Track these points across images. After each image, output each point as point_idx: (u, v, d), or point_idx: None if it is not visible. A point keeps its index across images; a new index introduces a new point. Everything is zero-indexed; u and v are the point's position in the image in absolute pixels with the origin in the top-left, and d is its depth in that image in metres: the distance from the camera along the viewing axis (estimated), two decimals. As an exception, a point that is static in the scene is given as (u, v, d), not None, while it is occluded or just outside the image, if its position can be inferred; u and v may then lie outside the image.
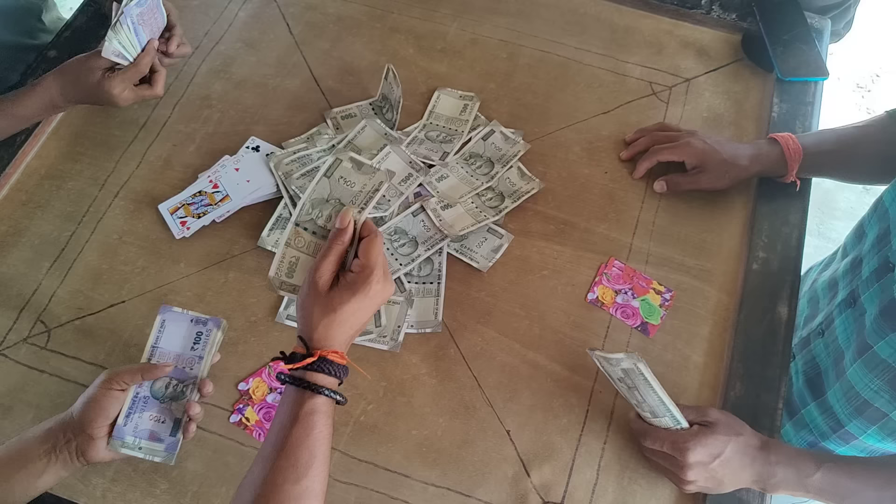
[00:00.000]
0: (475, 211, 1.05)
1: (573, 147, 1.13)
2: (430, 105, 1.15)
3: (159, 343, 0.85)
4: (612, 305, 1.00)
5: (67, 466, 0.78)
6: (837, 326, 0.97)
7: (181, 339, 0.86)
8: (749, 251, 1.03)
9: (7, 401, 0.93)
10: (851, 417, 0.95)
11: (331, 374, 0.72)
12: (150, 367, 0.82)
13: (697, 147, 1.02)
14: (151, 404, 0.84)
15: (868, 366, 0.89)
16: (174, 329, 0.86)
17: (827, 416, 0.99)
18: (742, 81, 1.20)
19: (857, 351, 0.92)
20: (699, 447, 0.81)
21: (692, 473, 0.82)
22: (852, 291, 0.96)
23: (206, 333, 0.86)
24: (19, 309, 0.99)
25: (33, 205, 1.07)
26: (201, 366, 0.85)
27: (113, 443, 0.80)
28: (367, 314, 0.75)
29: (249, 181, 1.07)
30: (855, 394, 0.92)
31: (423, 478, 0.89)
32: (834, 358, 0.97)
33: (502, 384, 0.95)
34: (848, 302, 0.96)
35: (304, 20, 1.26)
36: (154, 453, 0.82)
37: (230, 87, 1.18)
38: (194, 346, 0.86)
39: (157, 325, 0.86)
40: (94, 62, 0.99)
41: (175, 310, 0.86)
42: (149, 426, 0.83)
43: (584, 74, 1.20)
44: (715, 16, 1.25)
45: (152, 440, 0.82)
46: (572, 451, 0.91)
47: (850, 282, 0.99)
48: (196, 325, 0.86)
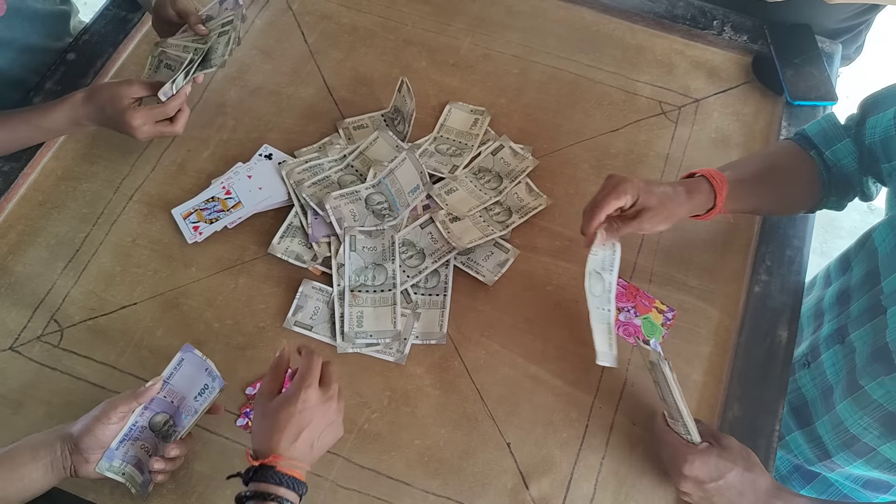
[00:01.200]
0: (483, 225, 1.06)
1: (581, 164, 1.14)
2: (441, 118, 1.17)
3: (171, 380, 0.86)
4: (615, 323, 1.01)
5: (60, 477, 0.82)
6: (825, 360, 0.97)
7: (190, 382, 0.87)
8: (752, 274, 1.05)
9: (19, 397, 0.95)
10: (839, 450, 0.96)
11: (278, 483, 0.74)
12: (143, 391, 0.83)
13: (634, 184, 0.90)
14: (146, 435, 0.85)
15: (859, 404, 0.90)
16: (188, 371, 0.87)
17: (814, 444, 1.00)
18: (751, 103, 1.21)
19: (846, 388, 0.92)
20: (699, 463, 0.82)
21: (685, 485, 0.83)
22: (840, 328, 0.96)
23: (210, 390, 0.87)
24: (34, 307, 1.01)
25: (49, 205, 1.09)
26: (191, 420, 0.86)
27: (100, 465, 0.82)
28: (308, 422, 0.77)
29: (262, 188, 1.09)
30: (844, 429, 0.93)
31: (424, 486, 0.91)
32: (822, 391, 0.98)
33: (504, 397, 0.97)
34: (836, 338, 0.97)
35: (318, 29, 1.28)
36: (133, 483, 0.84)
37: (245, 95, 1.20)
38: (197, 397, 0.87)
39: (176, 361, 0.86)
40: (126, 90, 1.01)
41: (196, 353, 0.86)
42: (138, 454, 0.84)
43: (595, 92, 1.22)
44: (726, 37, 1.26)
45: (136, 468, 0.84)
46: (571, 465, 0.93)
47: (837, 315, 0.99)
48: (206, 377, 0.87)
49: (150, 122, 1.02)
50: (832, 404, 0.95)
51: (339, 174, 1.09)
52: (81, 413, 0.92)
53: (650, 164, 1.14)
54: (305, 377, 0.79)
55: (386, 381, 0.97)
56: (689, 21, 1.28)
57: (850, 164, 0.97)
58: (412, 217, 1.06)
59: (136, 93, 1.01)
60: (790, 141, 1.03)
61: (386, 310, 0.99)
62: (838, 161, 0.97)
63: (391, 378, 0.97)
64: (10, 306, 1.01)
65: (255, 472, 0.75)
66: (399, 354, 0.98)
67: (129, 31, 1.24)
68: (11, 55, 1.13)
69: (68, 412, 0.94)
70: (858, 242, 1.02)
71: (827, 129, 0.99)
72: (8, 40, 1.11)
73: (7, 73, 1.13)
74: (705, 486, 0.82)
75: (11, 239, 1.06)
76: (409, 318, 1.00)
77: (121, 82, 1.02)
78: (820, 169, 0.99)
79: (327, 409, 0.79)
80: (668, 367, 0.80)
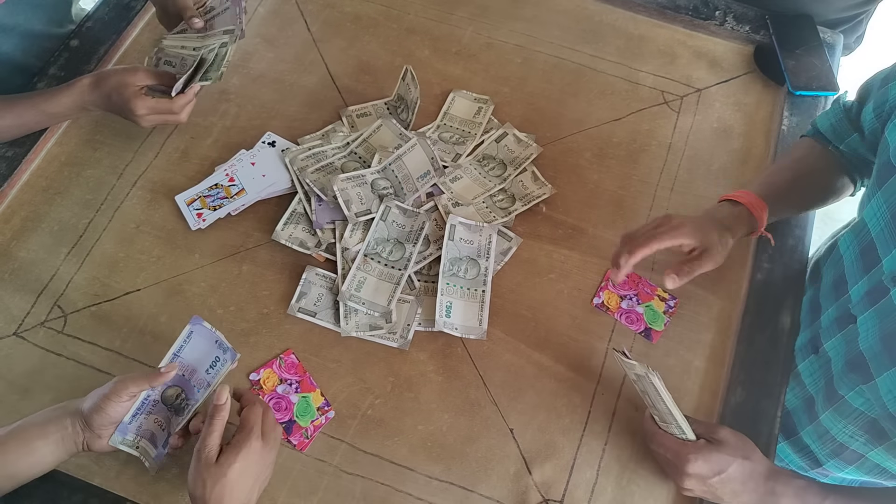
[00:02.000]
0: (485, 211, 1.07)
1: (584, 153, 1.15)
2: (444, 106, 1.17)
3: (182, 353, 0.86)
4: (617, 310, 1.02)
5: (71, 452, 0.82)
6: (802, 371, 0.98)
7: (202, 355, 0.87)
8: (754, 261, 1.05)
9: (25, 382, 0.95)
10: (829, 458, 0.96)
11: None
12: (157, 375, 0.83)
13: (694, 226, 0.89)
14: (159, 409, 0.86)
15: (841, 414, 0.90)
16: (198, 343, 0.87)
17: (803, 454, 1.00)
18: (753, 93, 1.21)
19: (826, 399, 0.93)
20: (700, 461, 0.82)
21: (689, 483, 0.84)
22: (813, 338, 0.96)
23: (222, 362, 0.87)
24: (37, 293, 1.01)
25: (53, 191, 1.09)
26: (205, 393, 0.86)
27: (114, 438, 0.82)
28: (252, 475, 0.79)
29: (265, 175, 1.09)
30: (830, 437, 0.94)
31: (427, 472, 0.92)
32: (803, 401, 0.98)
33: (507, 383, 0.97)
34: (810, 348, 0.97)
35: (321, 18, 1.28)
36: (146, 456, 0.84)
37: (248, 82, 1.20)
38: (209, 370, 0.87)
39: (185, 334, 0.86)
40: (132, 77, 1.01)
41: (205, 325, 0.86)
42: (151, 428, 0.85)
43: (598, 81, 1.22)
44: (728, 27, 1.26)
45: (150, 442, 0.84)
46: (573, 451, 0.93)
47: (810, 325, 0.99)
48: (217, 349, 0.87)
49: (155, 112, 1.03)
50: (815, 414, 0.95)
51: (343, 161, 1.10)
52: (86, 398, 0.93)
53: (652, 153, 1.15)
54: (251, 429, 0.79)
55: (389, 366, 0.98)
56: (692, 11, 1.28)
57: (865, 153, 0.98)
58: (416, 203, 1.07)
59: (141, 80, 1.02)
60: (809, 139, 1.03)
61: (387, 286, 0.99)
62: (855, 151, 0.99)
63: (394, 364, 0.98)
64: (14, 292, 1.01)
65: None
66: (402, 340, 0.98)
67: (132, 18, 1.24)
68: (14, 41, 1.13)
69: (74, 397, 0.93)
70: (827, 249, 1.02)
71: (835, 124, 1.00)
72: (10, 26, 1.11)
73: (10, 58, 1.14)
74: (709, 480, 0.83)
75: (15, 225, 1.06)
76: (413, 304, 1.00)
77: (127, 69, 1.03)
78: (845, 161, 1.00)
79: (267, 460, 0.81)
80: (656, 378, 0.79)
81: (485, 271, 1.01)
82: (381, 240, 1.02)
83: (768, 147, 1.16)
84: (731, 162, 1.15)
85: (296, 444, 0.92)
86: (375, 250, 1.02)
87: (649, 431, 0.89)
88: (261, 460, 0.80)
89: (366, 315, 0.99)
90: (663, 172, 1.13)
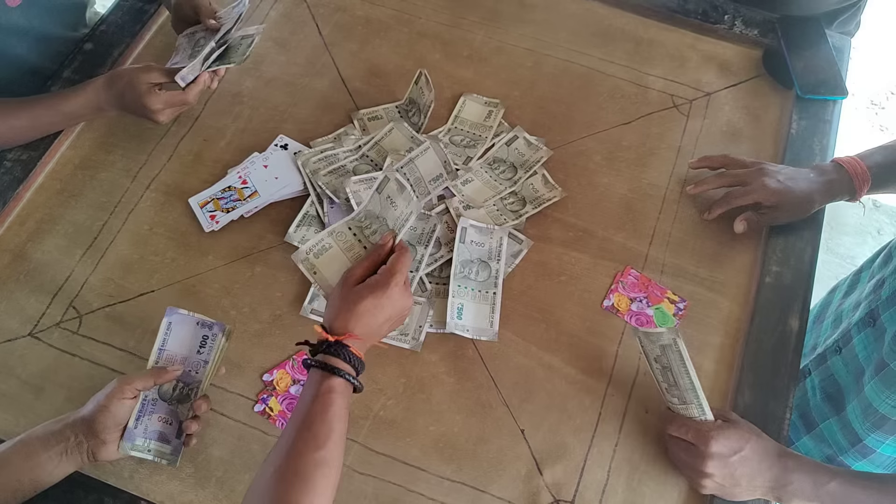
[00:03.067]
0: (496, 213, 1.07)
1: (594, 156, 1.15)
2: (455, 110, 1.18)
3: (166, 345, 0.88)
4: (627, 313, 1.02)
5: (77, 464, 0.82)
6: (856, 345, 0.99)
7: (187, 341, 0.88)
8: (763, 265, 1.06)
9: (40, 382, 0.96)
10: (869, 431, 0.97)
11: (346, 361, 0.79)
12: (162, 372, 0.84)
13: (771, 188, 1.00)
14: (160, 406, 0.86)
15: (885, 383, 0.92)
16: (180, 331, 0.88)
17: (846, 431, 1.01)
18: (762, 97, 1.22)
19: (875, 368, 0.94)
20: (722, 438, 0.84)
21: (711, 465, 0.84)
22: (872, 311, 0.98)
23: (212, 338, 0.88)
24: (52, 294, 1.02)
25: (67, 193, 1.10)
26: (206, 370, 0.87)
27: (123, 445, 0.83)
28: (384, 314, 0.83)
29: (278, 178, 1.10)
30: (873, 410, 0.95)
31: (438, 472, 0.92)
32: (854, 375, 0.99)
33: (518, 385, 0.98)
34: (867, 321, 0.98)
35: (333, 21, 1.29)
36: (162, 455, 0.85)
37: (260, 85, 1.21)
38: (200, 350, 0.88)
39: (164, 327, 0.88)
40: (144, 76, 1.03)
41: (181, 312, 0.88)
42: (158, 427, 0.85)
43: (607, 85, 1.23)
44: (737, 31, 1.27)
45: (161, 441, 0.85)
46: (584, 452, 0.94)
47: (869, 301, 1.01)
48: (202, 329, 0.89)
49: (169, 106, 1.05)
50: (862, 386, 0.97)
51: (355, 163, 1.10)
52: (101, 398, 0.94)
53: (662, 156, 1.16)
54: (395, 273, 0.83)
55: (401, 368, 0.98)
56: (701, 15, 1.29)
57: None
58: (427, 206, 1.08)
59: (154, 79, 1.03)
60: None
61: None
62: None
63: (406, 365, 0.99)
64: (30, 293, 1.02)
65: (329, 347, 0.79)
66: (414, 342, 0.99)
67: (146, 21, 1.25)
68: (29, 43, 1.14)
69: (88, 397, 0.93)
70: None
71: None
72: (25, 29, 1.12)
73: (25, 60, 1.15)
74: (730, 459, 0.84)
75: (30, 227, 1.07)
76: (424, 305, 1.01)
77: (140, 68, 1.04)
78: None
79: (403, 304, 0.85)
80: (682, 344, 0.81)
81: (496, 273, 1.02)
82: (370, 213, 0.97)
83: (777, 151, 1.16)
84: (741, 165, 1.15)
85: (309, 444, 0.93)
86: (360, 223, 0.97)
87: (667, 418, 0.90)
88: (397, 303, 0.83)
89: None
90: (672, 176, 1.14)
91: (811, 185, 1.02)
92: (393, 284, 0.83)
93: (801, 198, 1.01)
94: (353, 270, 0.85)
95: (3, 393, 0.95)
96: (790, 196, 1.00)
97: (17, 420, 0.93)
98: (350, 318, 0.81)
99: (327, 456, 0.73)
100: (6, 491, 0.79)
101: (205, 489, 0.90)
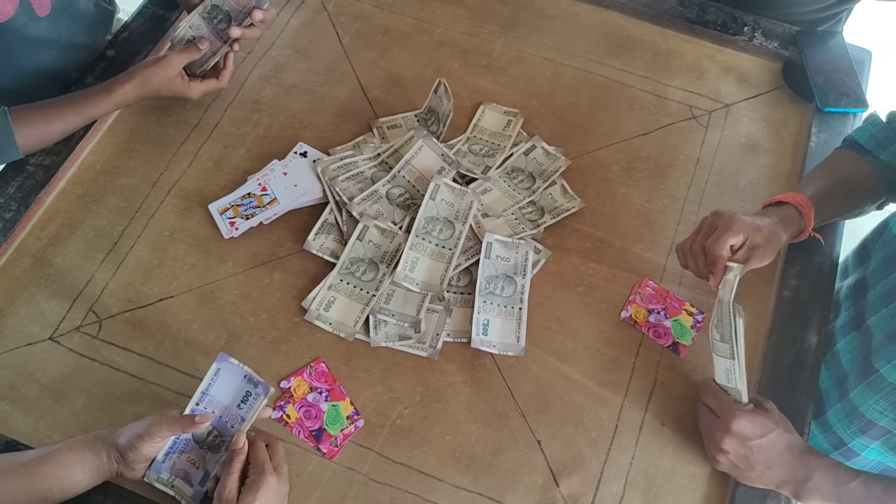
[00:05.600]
0: (514, 223, 1.07)
1: (612, 167, 1.15)
2: (474, 119, 1.18)
3: (210, 391, 0.87)
4: (645, 324, 1.02)
5: (105, 478, 0.85)
6: (841, 349, 0.99)
7: (231, 392, 0.87)
8: (781, 278, 1.05)
9: (59, 386, 0.97)
10: (854, 436, 0.97)
11: None
12: (190, 423, 0.84)
13: (746, 221, 0.91)
14: (191, 447, 0.87)
15: (873, 388, 0.92)
16: (226, 380, 0.87)
17: (827, 434, 1.01)
18: (781, 109, 1.22)
19: (861, 373, 0.94)
20: (746, 420, 0.85)
21: (729, 442, 0.85)
22: (857, 315, 0.98)
23: (255, 396, 0.86)
24: (73, 299, 1.03)
25: (88, 199, 1.11)
26: (241, 428, 0.86)
27: (149, 475, 0.84)
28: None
29: (297, 185, 1.10)
30: (859, 415, 0.95)
31: (455, 482, 0.92)
32: (836, 379, 0.99)
33: (535, 395, 0.98)
34: (853, 325, 0.98)
35: (353, 30, 1.29)
36: (182, 495, 0.85)
37: (280, 93, 1.22)
38: (241, 405, 0.87)
39: (212, 372, 0.87)
40: (171, 69, 1.08)
41: (232, 361, 0.86)
42: (185, 467, 0.86)
43: (626, 95, 1.23)
44: (757, 43, 1.27)
45: (185, 481, 0.85)
46: (601, 464, 0.94)
47: (853, 304, 1.01)
48: (247, 384, 0.87)
49: (204, 89, 1.12)
50: (846, 391, 0.97)
51: (374, 170, 1.11)
52: (120, 403, 0.95)
53: (680, 167, 1.15)
54: (265, 467, 0.83)
55: (418, 377, 0.98)
56: (720, 27, 1.29)
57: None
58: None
59: (178, 66, 1.09)
60: (844, 150, 1.05)
61: (416, 297, 1.01)
62: None
63: (423, 374, 0.99)
64: (50, 297, 1.03)
65: None
66: (431, 350, 0.99)
67: (167, 28, 1.26)
68: (56, 52, 1.15)
69: (107, 402, 0.96)
70: (875, 232, 1.04)
71: (876, 133, 1.02)
72: (53, 39, 1.13)
73: (50, 67, 1.16)
74: (749, 442, 0.84)
75: (51, 231, 1.08)
76: (441, 314, 1.01)
77: (162, 65, 1.08)
78: (881, 171, 1.01)
79: (281, 493, 0.84)
80: (742, 323, 0.83)
81: (521, 289, 1.02)
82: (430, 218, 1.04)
83: (796, 163, 1.16)
84: (759, 178, 1.15)
85: (325, 452, 0.93)
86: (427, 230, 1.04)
87: (703, 385, 0.91)
88: (277, 494, 0.83)
89: (395, 325, 1.00)
90: (691, 187, 1.14)
91: (768, 219, 0.94)
92: (268, 475, 0.82)
93: (770, 231, 0.93)
94: (227, 487, 0.81)
95: (24, 397, 0.96)
96: (764, 228, 0.92)
97: (37, 424, 0.94)
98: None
99: None
100: (36, 497, 0.81)
101: (222, 495, 0.90)
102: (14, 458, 0.83)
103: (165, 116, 1.19)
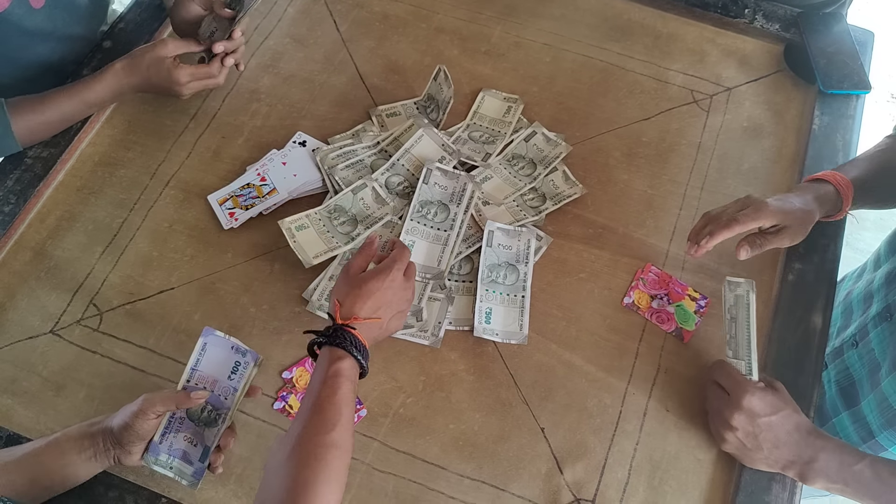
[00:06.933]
0: (516, 210, 1.07)
1: (613, 152, 1.14)
2: (474, 106, 1.17)
3: (199, 366, 0.87)
4: (648, 310, 1.02)
5: (104, 466, 0.84)
6: (873, 339, 0.98)
7: (220, 364, 0.88)
8: (785, 262, 1.05)
9: (61, 379, 0.96)
10: (882, 428, 0.97)
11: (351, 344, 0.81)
12: (185, 398, 0.84)
13: (772, 207, 0.91)
14: (187, 425, 0.86)
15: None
16: (214, 353, 0.88)
17: (859, 425, 1.01)
18: (783, 92, 1.21)
19: (892, 364, 0.93)
20: (757, 397, 0.85)
21: (738, 419, 0.85)
22: (888, 305, 0.97)
23: (244, 365, 0.88)
24: (73, 291, 1.02)
25: (87, 191, 1.11)
26: (234, 398, 0.87)
27: (147, 458, 0.84)
28: (386, 298, 0.87)
29: (296, 175, 1.09)
30: (888, 405, 0.94)
31: (458, 470, 0.92)
32: (869, 369, 0.98)
33: (538, 383, 0.97)
34: (883, 315, 0.97)
35: (350, 18, 1.28)
36: (182, 475, 0.85)
37: (278, 82, 1.21)
38: (231, 376, 0.88)
39: (199, 347, 0.87)
40: (164, 50, 1.06)
41: (217, 334, 0.87)
42: (182, 446, 0.85)
43: (626, 80, 1.22)
44: (758, 26, 1.26)
45: (184, 461, 0.85)
46: (605, 451, 0.93)
47: (885, 295, 1.00)
48: (235, 354, 0.88)
49: (195, 78, 1.09)
50: (878, 381, 0.96)
51: (373, 158, 1.10)
52: (121, 395, 0.95)
53: (682, 152, 1.14)
54: (397, 261, 0.89)
55: (420, 366, 0.98)
56: (721, 9, 1.27)
57: None
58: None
59: (172, 51, 1.07)
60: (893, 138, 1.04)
61: (418, 285, 1.00)
62: None
63: (425, 363, 0.98)
64: (50, 290, 1.02)
65: (335, 332, 0.82)
66: (434, 338, 0.99)
67: (164, 19, 1.25)
68: (52, 44, 1.14)
69: (108, 394, 0.95)
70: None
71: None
72: (49, 30, 1.12)
73: (46, 59, 1.15)
74: (759, 419, 0.84)
75: (50, 224, 1.08)
76: (443, 302, 1.00)
77: (155, 45, 1.07)
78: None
79: (405, 295, 0.89)
80: (754, 297, 0.85)
81: (524, 277, 1.02)
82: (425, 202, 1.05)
83: (799, 146, 1.15)
84: (762, 161, 1.14)
85: (328, 441, 0.92)
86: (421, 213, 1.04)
87: (716, 364, 0.91)
88: (399, 291, 0.88)
89: None
90: (693, 172, 1.13)
91: (803, 198, 0.95)
92: (396, 270, 0.87)
93: (803, 211, 0.94)
94: (352, 263, 0.89)
95: (25, 390, 0.96)
96: (793, 212, 0.93)
97: (38, 417, 0.94)
98: (357, 300, 0.85)
99: (337, 438, 0.74)
100: (38, 487, 0.81)
101: (224, 486, 0.90)
102: (13, 451, 0.82)
103: (163, 107, 1.18)
